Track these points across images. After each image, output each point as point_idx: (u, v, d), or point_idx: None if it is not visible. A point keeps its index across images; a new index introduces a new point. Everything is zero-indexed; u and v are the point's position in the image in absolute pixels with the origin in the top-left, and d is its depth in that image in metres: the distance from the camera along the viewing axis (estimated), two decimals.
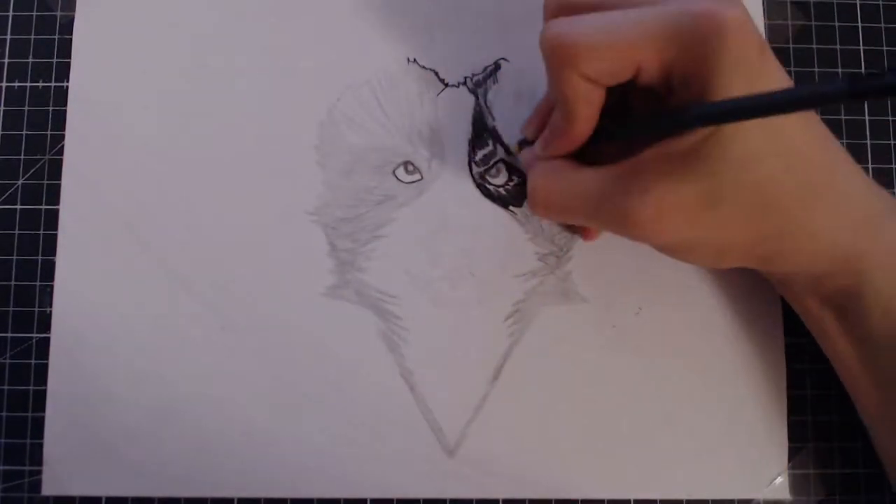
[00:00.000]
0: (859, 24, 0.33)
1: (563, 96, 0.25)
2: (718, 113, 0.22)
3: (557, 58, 0.24)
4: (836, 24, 0.33)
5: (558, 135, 0.27)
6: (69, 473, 0.30)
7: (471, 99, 0.32)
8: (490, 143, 0.32)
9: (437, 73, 0.32)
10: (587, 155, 0.27)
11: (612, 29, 0.24)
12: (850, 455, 0.31)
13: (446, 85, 0.32)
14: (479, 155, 0.32)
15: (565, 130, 0.26)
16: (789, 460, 0.30)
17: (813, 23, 0.33)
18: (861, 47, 0.33)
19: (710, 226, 0.24)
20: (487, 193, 0.32)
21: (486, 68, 0.32)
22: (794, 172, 0.24)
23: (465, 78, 0.32)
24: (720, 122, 0.22)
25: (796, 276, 0.27)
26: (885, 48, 0.33)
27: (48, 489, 0.30)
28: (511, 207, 0.32)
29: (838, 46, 0.33)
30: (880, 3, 0.33)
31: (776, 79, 0.24)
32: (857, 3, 0.33)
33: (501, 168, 0.32)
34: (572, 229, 0.32)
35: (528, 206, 0.28)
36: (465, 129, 0.32)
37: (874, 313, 0.26)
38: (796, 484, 0.30)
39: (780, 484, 0.30)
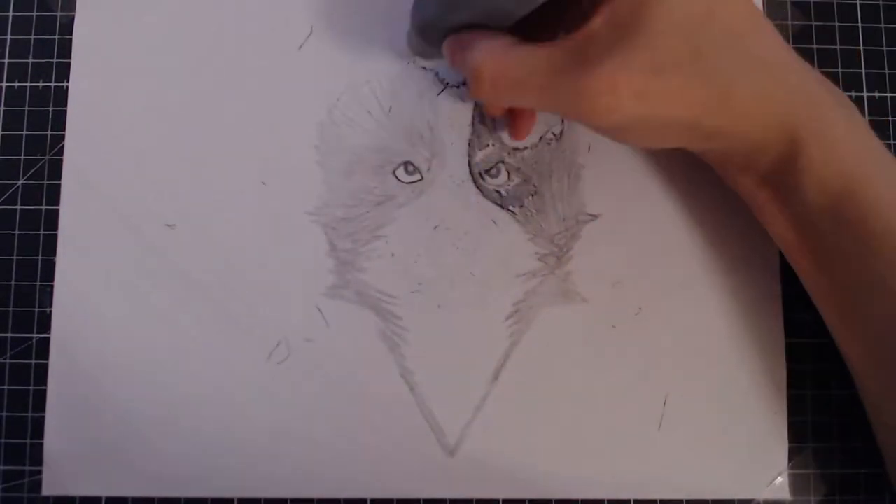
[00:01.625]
0: (859, 24, 0.33)
1: None
2: None
3: None
4: (836, 23, 0.33)
5: None
6: (69, 473, 0.30)
7: (471, 99, 0.32)
8: (490, 143, 0.32)
9: (437, 74, 0.32)
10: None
11: None
12: (850, 455, 0.31)
13: (446, 85, 0.32)
14: (479, 155, 0.32)
15: None
16: (789, 460, 0.30)
17: (813, 22, 0.33)
18: (861, 47, 0.33)
19: (657, 97, 0.24)
20: (487, 194, 0.32)
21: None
22: (729, 42, 0.24)
23: (466, 78, 0.32)
24: None
25: (734, 153, 0.27)
26: (885, 48, 0.33)
27: (48, 489, 0.30)
28: (511, 208, 0.32)
29: (838, 46, 0.33)
30: (880, 3, 0.33)
31: None
32: (857, 3, 0.33)
33: (501, 168, 0.32)
34: (498, 125, 0.32)
35: (471, 88, 0.26)
36: (464, 130, 0.32)
37: (809, 186, 0.26)
38: (796, 484, 0.30)
39: (780, 484, 0.30)
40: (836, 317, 0.28)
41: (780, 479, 0.30)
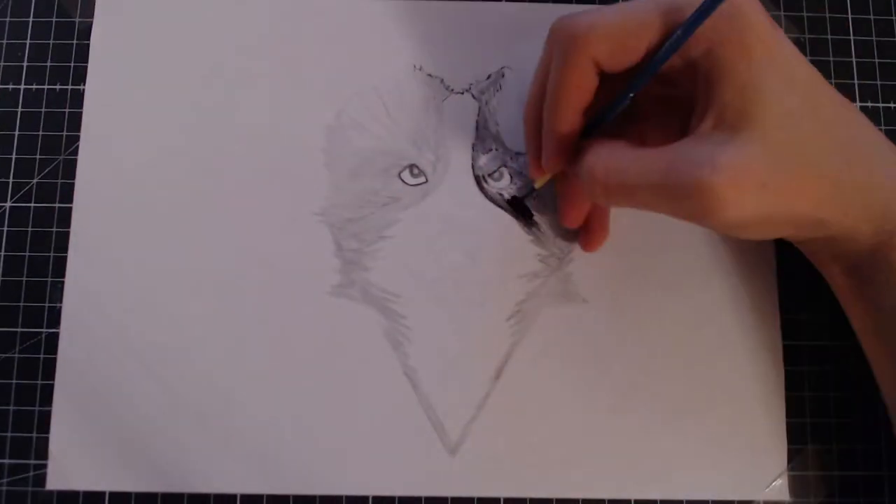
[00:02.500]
0: (851, 37, 0.34)
1: (560, 81, 0.26)
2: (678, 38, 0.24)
3: (570, 39, 0.25)
4: (829, 36, 0.34)
5: (549, 131, 0.27)
6: (74, 468, 0.30)
7: (475, 105, 0.33)
8: (493, 147, 0.33)
9: (442, 81, 0.33)
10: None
11: (623, 10, 0.25)
12: (849, 457, 0.31)
13: (451, 91, 0.33)
14: (483, 159, 0.33)
15: (554, 123, 0.27)
16: (789, 462, 0.31)
17: (806, 35, 0.34)
18: (853, 59, 0.34)
19: (777, 190, 0.24)
20: (490, 196, 0.32)
21: (490, 76, 0.33)
22: (831, 131, 0.25)
23: (470, 85, 0.33)
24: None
25: (831, 242, 0.27)
26: (876, 60, 0.34)
27: (53, 483, 0.30)
28: (513, 210, 0.32)
29: (831, 59, 0.34)
30: (871, 17, 0.34)
31: (784, 36, 0.25)
32: (849, 16, 0.34)
33: (504, 172, 0.33)
34: (572, 237, 0.32)
35: (588, 192, 0.27)
36: (469, 135, 0.33)
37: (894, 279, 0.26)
38: (796, 485, 0.31)
39: (779, 485, 0.31)
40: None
41: (779, 480, 0.31)
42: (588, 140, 0.28)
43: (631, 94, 0.26)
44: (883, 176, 0.26)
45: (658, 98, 0.28)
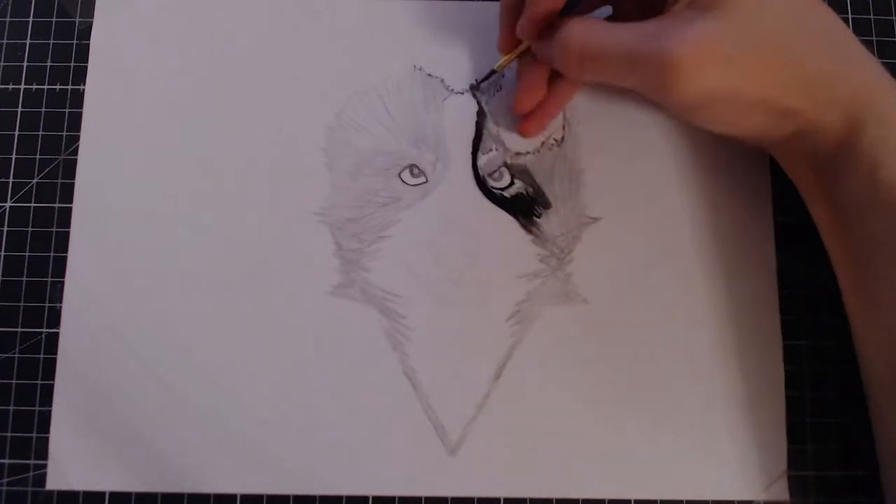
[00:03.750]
0: None
1: None
2: None
3: None
4: None
5: None
6: (74, 468, 0.30)
7: (475, 105, 0.33)
8: (493, 147, 0.33)
9: (442, 81, 0.33)
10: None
11: None
12: (848, 457, 0.31)
13: (451, 91, 0.33)
14: (483, 159, 0.33)
15: None
16: (789, 462, 0.31)
17: None
18: None
19: (740, 71, 0.25)
20: (490, 196, 0.32)
21: (490, 76, 0.33)
22: (804, 19, 0.26)
23: (470, 85, 0.33)
24: None
25: (797, 136, 0.27)
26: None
27: (53, 483, 0.30)
28: (513, 210, 0.32)
29: None
30: (871, 17, 0.34)
31: None
32: (849, 16, 0.34)
33: (504, 172, 0.33)
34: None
35: (560, 60, 0.28)
36: (468, 135, 0.33)
37: (862, 170, 0.26)
38: (795, 486, 0.31)
39: (779, 486, 0.31)
40: (861, 307, 0.28)
41: (779, 480, 0.31)
42: (564, 17, 0.28)
43: None
44: (852, 67, 0.26)
45: None
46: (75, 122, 0.33)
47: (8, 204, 0.32)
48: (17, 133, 0.33)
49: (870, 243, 0.27)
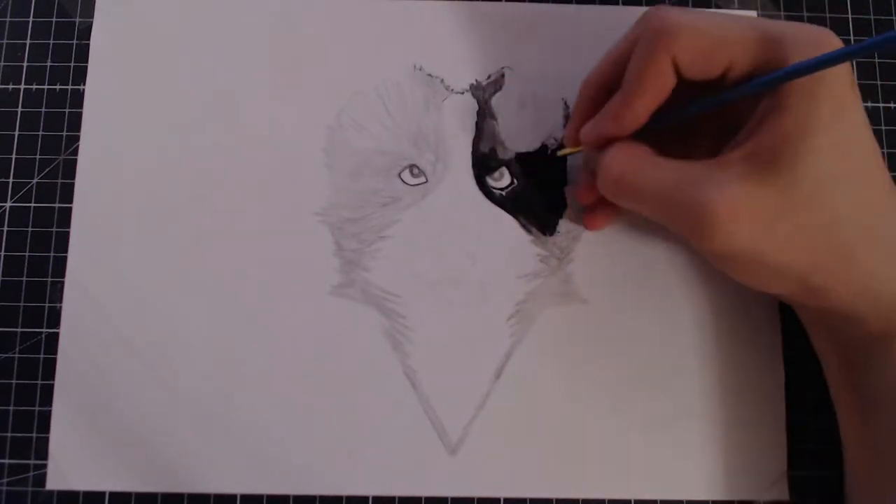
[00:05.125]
0: (851, 37, 0.34)
1: (642, 74, 0.25)
2: (778, 78, 0.23)
3: (657, 34, 0.25)
4: None
5: (614, 115, 0.27)
6: (74, 468, 0.30)
7: (475, 105, 0.33)
8: (493, 147, 0.33)
9: (442, 81, 0.33)
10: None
11: (718, 21, 0.25)
12: None
13: (451, 91, 0.33)
14: (483, 160, 0.33)
15: (624, 111, 0.26)
16: (789, 462, 0.31)
17: None
18: (853, 60, 0.34)
19: (777, 239, 0.24)
20: (490, 196, 0.32)
21: (490, 76, 0.33)
22: (861, 207, 0.25)
23: (471, 85, 0.33)
24: (777, 84, 0.24)
25: (831, 313, 0.27)
26: (876, 60, 0.34)
27: (53, 483, 0.30)
28: (513, 210, 0.32)
29: None
30: (871, 17, 0.34)
31: (859, 109, 0.25)
32: (849, 16, 0.34)
33: (504, 172, 0.33)
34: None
35: (599, 183, 0.28)
36: (469, 135, 0.33)
37: (891, 369, 0.25)
38: (796, 485, 0.31)
39: (779, 486, 0.31)
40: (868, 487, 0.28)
41: (779, 480, 0.31)
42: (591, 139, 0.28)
43: (694, 112, 0.26)
44: None
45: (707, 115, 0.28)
46: (75, 122, 0.33)
47: (8, 204, 0.32)
48: (17, 133, 0.33)
49: (884, 432, 0.26)
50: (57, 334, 0.31)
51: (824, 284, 0.25)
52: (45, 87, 0.33)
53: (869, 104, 0.34)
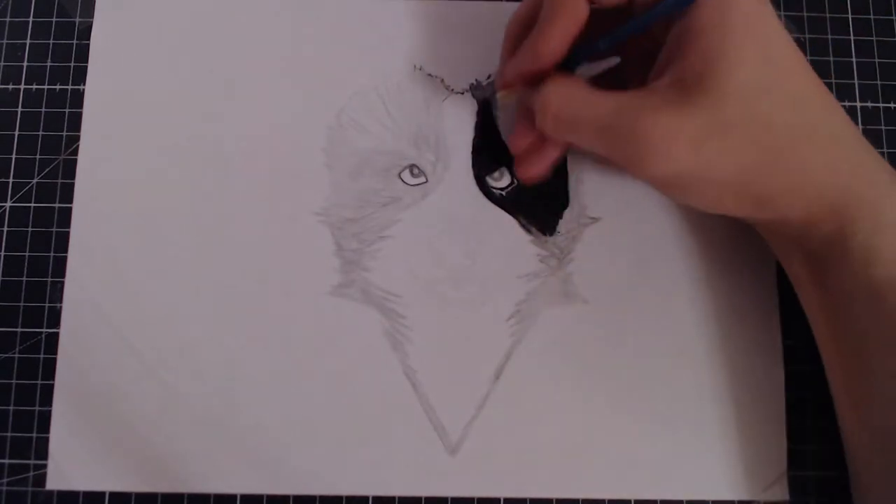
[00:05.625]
0: (851, 37, 0.34)
1: (554, 3, 0.26)
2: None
3: None
4: (829, 36, 0.34)
5: (532, 48, 0.27)
6: (74, 468, 0.30)
7: (475, 105, 0.33)
8: (493, 148, 0.33)
9: (442, 81, 0.33)
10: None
11: None
12: None
13: (451, 91, 0.33)
14: (483, 159, 0.33)
15: (540, 43, 0.27)
16: (789, 462, 0.31)
17: (806, 35, 0.34)
18: (854, 59, 0.34)
19: (711, 157, 0.25)
20: (490, 196, 0.32)
21: (490, 76, 0.33)
22: (790, 110, 0.25)
23: (471, 85, 0.33)
24: None
25: (785, 225, 0.27)
26: (876, 60, 0.34)
27: (53, 483, 0.30)
28: (513, 210, 0.32)
29: (831, 58, 0.34)
30: (871, 17, 0.34)
31: (772, 16, 0.25)
32: (849, 16, 0.34)
33: (504, 172, 0.33)
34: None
35: (538, 121, 0.28)
36: (469, 135, 0.33)
37: (854, 269, 0.26)
38: (796, 485, 0.31)
39: (779, 486, 0.31)
40: (849, 403, 0.28)
41: (779, 480, 0.31)
42: (557, 70, 0.28)
43: (609, 45, 0.27)
44: (842, 162, 0.26)
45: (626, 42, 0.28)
46: (75, 122, 0.33)
47: (8, 204, 0.32)
48: (17, 133, 0.33)
49: (857, 333, 0.27)
50: (57, 334, 0.31)
51: (768, 192, 0.26)
52: (45, 87, 0.33)
53: (869, 104, 0.34)
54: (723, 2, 0.24)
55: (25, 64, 0.33)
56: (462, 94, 0.33)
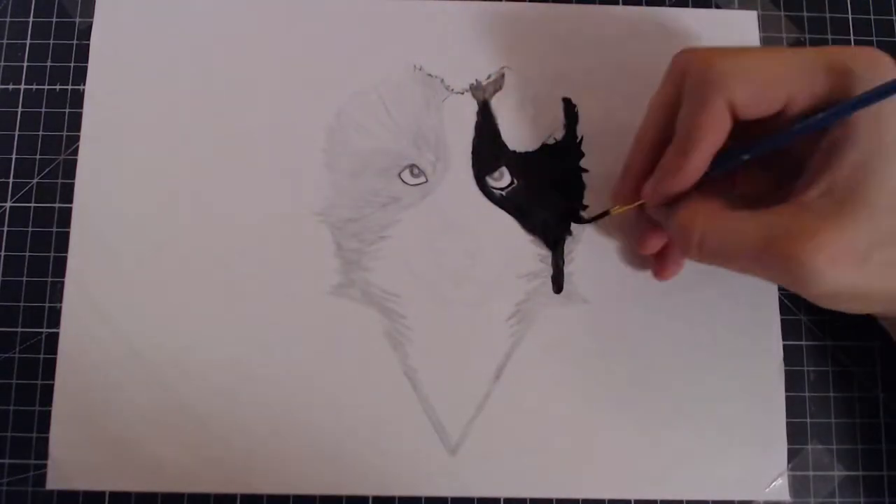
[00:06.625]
0: (851, 38, 0.34)
1: (697, 124, 0.25)
2: (850, 107, 0.23)
3: (706, 81, 0.24)
4: (829, 36, 0.34)
5: (673, 170, 0.26)
6: (74, 468, 0.30)
7: (475, 105, 0.33)
8: (493, 148, 0.33)
9: (442, 81, 0.33)
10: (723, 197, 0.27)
11: (769, 57, 0.24)
12: (849, 457, 0.31)
13: (451, 91, 0.33)
14: (483, 159, 0.33)
15: (683, 164, 0.26)
16: (789, 462, 0.31)
17: (806, 35, 0.34)
18: None
19: (876, 270, 0.24)
20: (490, 196, 0.32)
21: (490, 76, 0.33)
22: None
23: (471, 85, 0.33)
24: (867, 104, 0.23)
25: None
26: None
27: (53, 483, 0.30)
28: (513, 210, 0.32)
29: None
30: (871, 17, 0.34)
31: None
32: (849, 16, 0.34)
33: (504, 172, 0.33)
34: (643, 264, 0.32)
35: (680, 247, 0.27)
36: (469, 135, 0.33)
37: None
38: (796, 485, 0.31)
39: (779, 485, 0.31)
40: None
41: (779, 480, 0.31)
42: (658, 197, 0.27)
43: (754, 156, 0.25)
44: None
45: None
46: (75, 122, 0.33)
47: (8, 204, 0.32)
48: (17, 133, 0.33)
49: None
50: (57, 334, 0.31)
51: None
52: (45, 87, 0.33)
53: None
54: (879, 108, 0.23)
55: (25, 64, 0.33)
56: (462, 94, 0.33)
